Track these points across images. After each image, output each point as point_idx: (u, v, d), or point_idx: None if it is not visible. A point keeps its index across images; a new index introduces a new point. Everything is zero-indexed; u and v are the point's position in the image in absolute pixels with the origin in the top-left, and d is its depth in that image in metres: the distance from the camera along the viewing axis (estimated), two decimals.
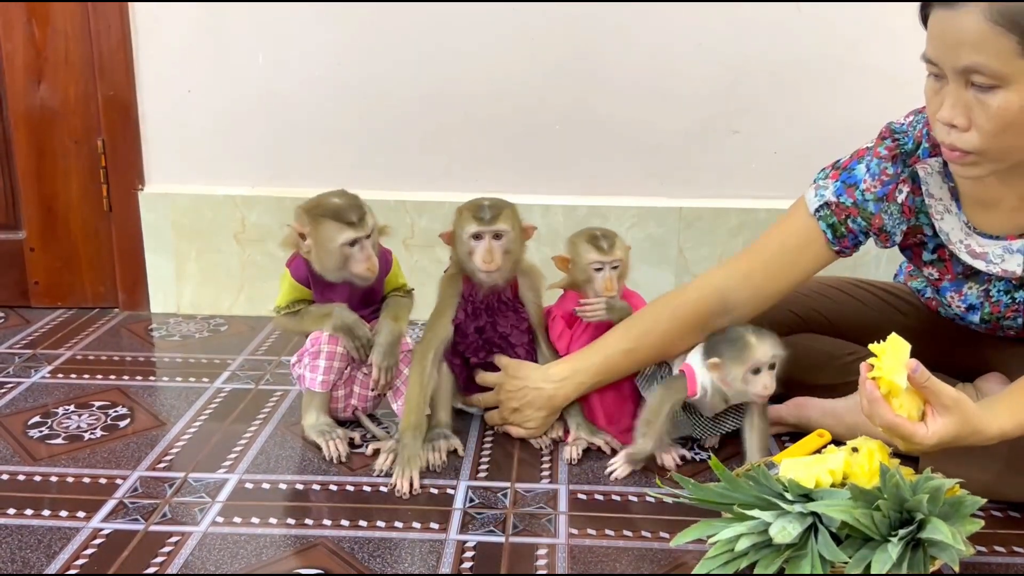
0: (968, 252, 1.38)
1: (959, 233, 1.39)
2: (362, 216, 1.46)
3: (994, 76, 1.13)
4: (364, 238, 1.46)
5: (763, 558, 1.10)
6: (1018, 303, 1.41)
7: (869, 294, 1.68)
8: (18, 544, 1.27)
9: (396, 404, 1.56)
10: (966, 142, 1.19)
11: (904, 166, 1.39)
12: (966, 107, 1.17)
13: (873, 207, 1.40)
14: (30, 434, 1.60)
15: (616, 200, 2.13)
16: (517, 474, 1.48)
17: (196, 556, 1.24)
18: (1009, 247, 1.35)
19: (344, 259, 1.47)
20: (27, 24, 2.09)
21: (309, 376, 1.53)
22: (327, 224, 1.45)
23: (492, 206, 1.50)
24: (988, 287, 1.42)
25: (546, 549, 1.27)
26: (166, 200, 2.18)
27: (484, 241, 1.48)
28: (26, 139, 2.15)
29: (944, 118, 1.19)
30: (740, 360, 1.39)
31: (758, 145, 2.08)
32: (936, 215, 1.40)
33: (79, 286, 2.25)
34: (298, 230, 1.49)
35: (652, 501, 1.40)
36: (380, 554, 1.25)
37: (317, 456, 1.52)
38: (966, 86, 1.16)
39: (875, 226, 1.42)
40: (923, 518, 1.08)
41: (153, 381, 1.85)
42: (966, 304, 1.45)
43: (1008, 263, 1.36)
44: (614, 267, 1.53)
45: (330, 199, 1.48)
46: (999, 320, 1.45)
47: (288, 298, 1.54)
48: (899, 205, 1.40)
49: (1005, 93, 1.14)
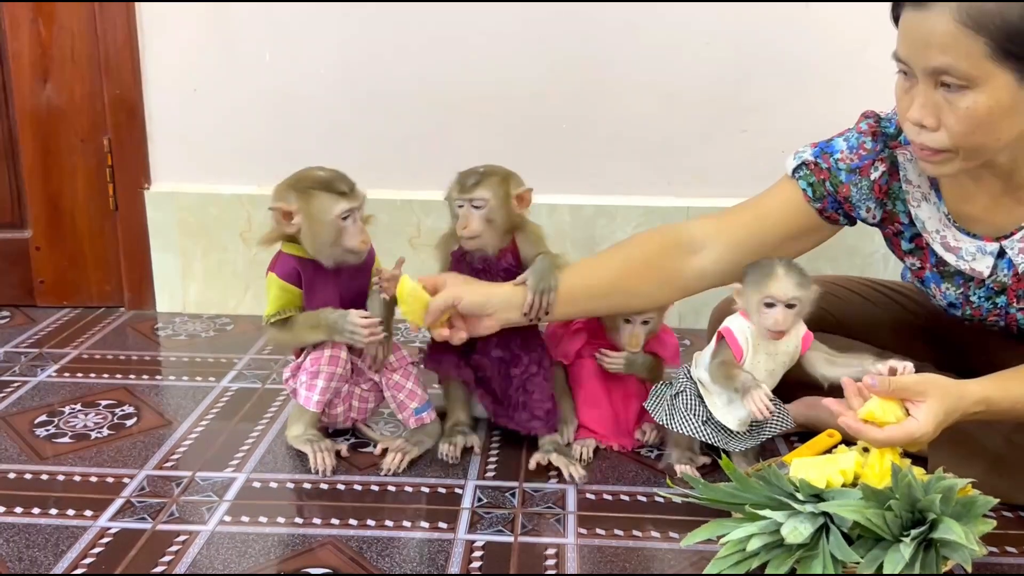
0: (942, 244, 1.38)
1: (936, 223, 1.38)
2: (352, 186, 1.43)
3: (963, 77, 1.14)
4: (356, 209, 1.43)
5: (774, 558, 1.10)
6: (999, 308, 1.40)
7: (877, 293, 1.68)
8: (25, 543, 1.26)
9: (389, 392, 1.54)
10: (936, 141, 1.20)
11: (884, 146, 1.39)
12: (935, 107, 1.18)
13: (844, 177, 1.41)
14: (37, 433, 1.60)
15: (623, 199, 2.12)
16: (525, 474, 1.47)
17: (204, 555, 1.24)
18: (983, 247, 1.35)
19: (338, 233, 1.42)
20: (33, 23, 2.08)
21: (305, 394, 1.49)
22: (319, 196, 1.41)
23: (475, 173, 1.46)
24: (967, 291, 1.40)
25: (555, 549, 1.26)
26: (172, 199, 2.17)
27: (464, 208, 1.46)
28: (32, 138, 2.15)
29: (913, 118, 1.20)
30: (758, 287, 1.35)
31: (765, 144, 2.07)
32: (913, 202, 1.39)
33: (85, 285, 2.25)
34: (284, 209, 1.43)
35: (661, 501, 1.39)
36: (388, 553, 1.25)
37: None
38: (936, 86, 1.17)
39: (841, 195, 1.42)
40: (935, 518, 1.08)
41: (159, 380, 1.84)
42: (947, 301, 1.44)
43: (978, 263, 1.35)
44: (644, 323, 1.51)
45: (315, 172, 1.44)
46: (982, 322, 1.44)
47: (277, 304, 1.46)
48: (871, 182, 1.40)
49: (974, 94, 1.15)
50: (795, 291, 1.35)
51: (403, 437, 1.53)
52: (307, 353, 1.49)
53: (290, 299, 1.47)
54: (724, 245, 1.47)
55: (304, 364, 1.49)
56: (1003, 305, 1.39)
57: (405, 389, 1.52)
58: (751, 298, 1.37)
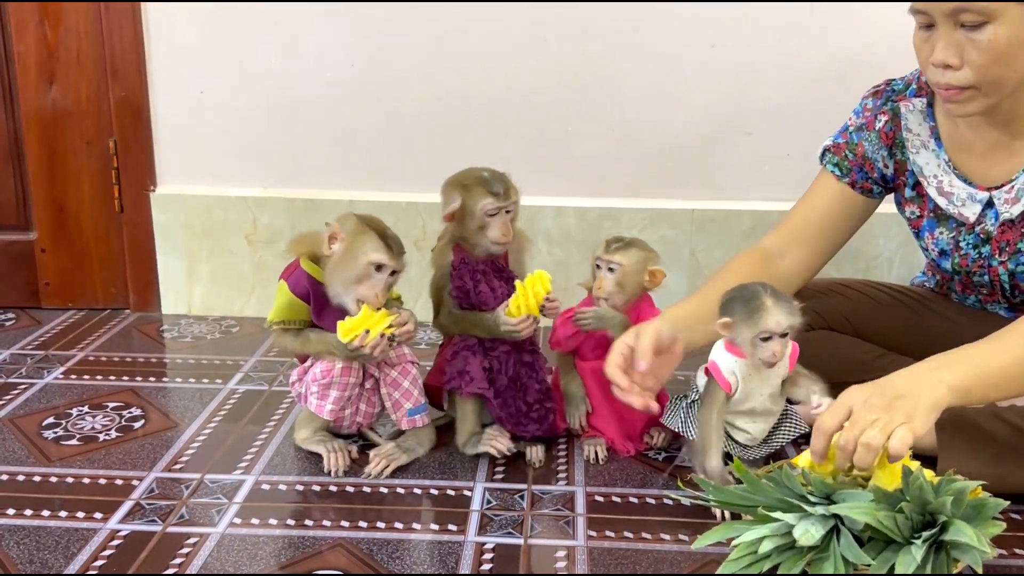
0: (937, 188, 1.49)
1: (934, 168, 1.49)
2: (400, 246, 1.44)
3: (981, 12, 1.25)
4: (398, 272, 1.45)
5: (786, 560, 1.10)
6: (983, 258, 1.47)
7: (884, 294, 1.68)
8: (36, 545, 1.26)
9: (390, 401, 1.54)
10: (960, 79, 1.30)
11: (887, 101, 1.53)
12: (958, 47, 1.28)
13: (856, 137, 1.55)
14: (45, 435, 1.60)
15: (628, 202, 2.12)
16: (533, 476, 1.47)
17: (215, 557, 1.24)
18: (974, 195, 1.45)
19: (361, 279, 1.42)
20: (39, 24, 2.09)
21: (316, 403, 1.49)
22: (367, 238, 1.41)
23: (501, 179, 1.50)
24: (957, 237, 1.49)
25: (565, 551, 1.27)
26: (178, 201, 2.18)
27: (499, 216, 1.49)
28: (37, 140, 2.15)
29: (938, 60, 1.30)
30: (750, 323, 1.32)
31: (771, 147, 2.08)
32: (912, 149, 1.50)
33: (90, 287, 2.25)
34: (334, 233, 1.43)
35: (669, 503, 1.39)
36: (399, 556, 1.25)
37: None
38: (955, 27, 1.28)
39: (859, 155, 1.55)
40: (946, 520, 1.08)
41: (166, 382, 1.84)
42: (939, 248, 1.52)
43: (967, 208, 1.46)
44: (610, 268, 1.51)
45: (369, 216, 1.46)
46: (969, 275, 1.51)
47: (283, 315, 1.47)
48: (877, 132, 1.53)
49: (993, 27, 1.26)
50: (788, 320, 1.32)
51: (395, 443, 1.52)
52: (315, 361, 1.49)
53: (296, 313, 1.48)
54: (795, 246, 1.58)
55: (315, 374, 1.48)
56: (987, 255, 1.48)
57: (401, 387, 1.52)
58: (744, 334, 1.34)
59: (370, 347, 1.41)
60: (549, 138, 2.11)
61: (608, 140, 2.10)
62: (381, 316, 1.42)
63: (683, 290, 2.03)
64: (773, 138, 2.07)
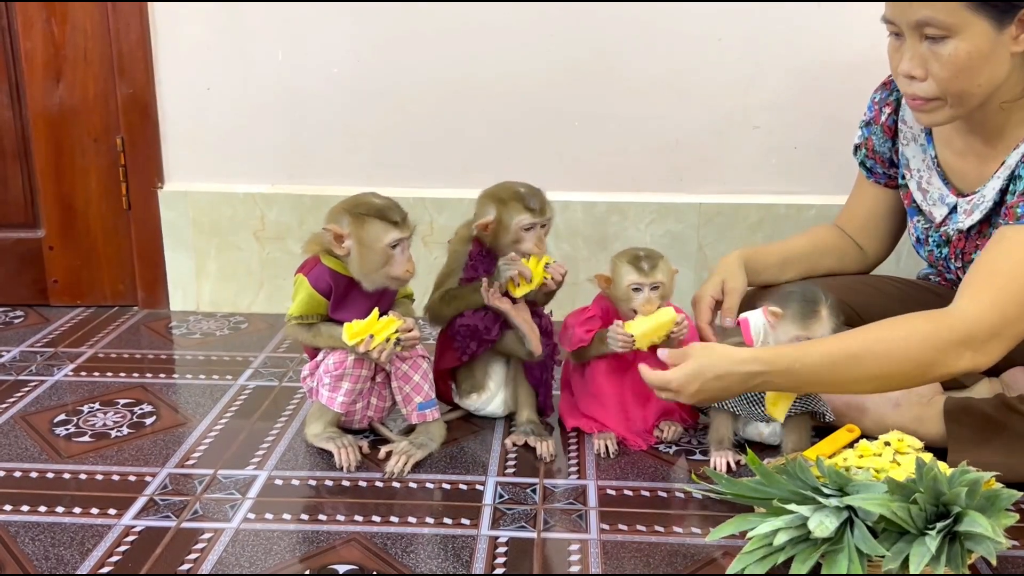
0: (917, 182, 1.55)
1: (919, 163, 1.55)
2: (404, 217, 1.46)
3: (943, 27, 1.28)
4: (406, 239, 1.46)
5: (800, 552, 1.10)
6: (943, 260, 1.55)
7: (892, 287, 1.69)
8: (51, 541, 1.27)
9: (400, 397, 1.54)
10: (924, 90, 1.35)
11: (892, 93, 1.58)
12: (922, 59, 1.33)
13: (866, 131, 1.63)
14: (57, 432, 1.60)
15: (635, 196, 2.13)
16: (545, 470, 1.48)
17: (230, 552, 1.24)
18: (944, 197, 1.51)
19: (386, 260, 1.44)
20: (46, 22, 2.09)
21: (328, 395, 1.49)
22: (373, 224, 1.43)
23: (537, 195, 1.54)
24: (928, 231, 1.55)
25: (578, 545, 1.27)
26: (185, 198, 2.18)
27: (534, 231, 1.54)
28: (45, 137, 2.15)
29: (903, 70, 1.35)
30: (800, 325, 1.40)
31: (777, 140, 2.08)
32: (903, 140, 1.57)
33: (98, 284, 2.25)
34: (336, 232, 1.45)
35: (681, 496, 1.40)
36: (413, 550, 1.25)
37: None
38: (921, 39, 1.32)
39: (870, 148, 1.63)
40: (960, 511, 1.08)
41: (176, 379, 1.85)
42: (916, 235, 1.60)
43: (936, 209, 1.52)
44: (654, 288, 1.52)
45: (370, 199, 1.47)
46: (940, 271, 1.58)
47: (304, 309, 1.48)
48: (881, 126, 1.60)
49: (955, 42, 1.29)
50: (830, 332, 1.40)
51: (408, 440, 1.53)
52: (327, 353, 1.50)
53: (316, 307, 1.49)
54: (857, 236, 1.71)
55: (327, 366, 1.49)
56: (945, 257, 1.54)
57: (412, 381, 1.52)
58: (789, 331, 1.41)
59: (376, 351, 1.43)
60: (556, 133, 2.11)
61: (615, 134, 2.10)
62: (387, 322, 1.44)
63: (691, 284, 2.03)
64: (780, 132, 2.07)
